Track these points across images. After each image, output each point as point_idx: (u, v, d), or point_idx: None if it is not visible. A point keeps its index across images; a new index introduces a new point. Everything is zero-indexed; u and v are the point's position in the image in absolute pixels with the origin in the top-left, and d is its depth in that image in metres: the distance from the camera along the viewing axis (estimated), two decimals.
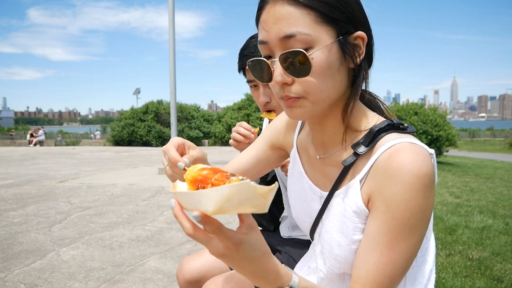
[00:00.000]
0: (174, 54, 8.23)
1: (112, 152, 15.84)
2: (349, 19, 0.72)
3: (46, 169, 9.24)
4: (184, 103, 25.96)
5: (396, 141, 0.72)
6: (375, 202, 0.73)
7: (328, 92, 0.73)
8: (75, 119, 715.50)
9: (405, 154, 0.70)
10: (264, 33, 0.74)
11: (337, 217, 0.80)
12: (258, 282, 0.67)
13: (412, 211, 0.68)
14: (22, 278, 2.69)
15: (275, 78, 0.73)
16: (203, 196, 0.54)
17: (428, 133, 11.98)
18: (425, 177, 0.68)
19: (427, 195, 0.69)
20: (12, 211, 4.72)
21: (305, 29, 0.69)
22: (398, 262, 0.70)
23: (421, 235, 0.71)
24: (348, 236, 0.77)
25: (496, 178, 8.67)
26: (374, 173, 0.74)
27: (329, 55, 0.71)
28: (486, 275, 2.81)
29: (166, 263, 3.00)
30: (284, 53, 0.70)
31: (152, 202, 5.27)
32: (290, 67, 0.71)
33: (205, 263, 1.32)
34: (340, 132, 0.83)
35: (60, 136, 28.95)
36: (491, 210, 4.99)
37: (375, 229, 0.72)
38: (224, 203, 0.52)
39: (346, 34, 0.73)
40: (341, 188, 0.81)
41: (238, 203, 0.53)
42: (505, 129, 49.04)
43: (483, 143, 34.73)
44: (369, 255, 0.71)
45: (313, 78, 0.71)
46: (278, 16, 0.70)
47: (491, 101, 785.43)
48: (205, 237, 0.59)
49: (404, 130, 0.78)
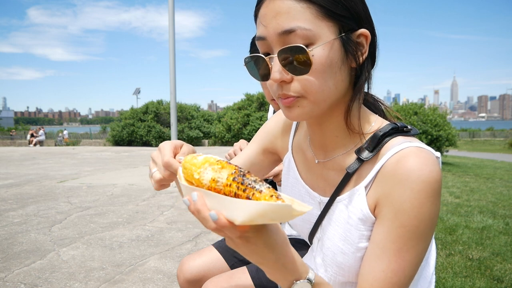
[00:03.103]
0: (174, 54, 8.23)
1: (112, 152, 15.84)
2: (352, 15, 0.69)
3: (46, 169, 9.24)
4: (184, 103, 25.95)
5: (403, 146, 0.70)
6: (383, 209, 0.70)
7: (328, 92, 0.70)
8: (75, 119, 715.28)
9: (414, 160, 0.67)
10: (263, 28, 0.70)
11: (340, 224, 0.78)
12: (276, 273, 0.63)
13: (421, 218, 0.66)
14: (22, 278, 2.69)
15: (273, 76, 0.70)
16: (235, 204, 0.51)
17: (428, 133, 11.98)
18: (435, 183, 0.66)
19: (435, 201, 0.67)
20: (12, 211, 4.72)
21: (306, 24, 0.66)
22: (407, 270, 0.68)
23: (429, 241, 0.69)
24: (353, 244, 0.75)
25: (496, 178, 8.67)
26: (381, 179, 0.71)
27: (331, 52, 0.68)
28: (486, 275, 2.81)
29: (166, 263, 3.00)
30: (283, 49, 0.67)
31: (152, 202, 5.27)
32: (289, 64, 0.68)
33: (205, 263, 1.32)
34: (342, 135, 0.79)
35: (60, 136, 28.95)
36: (491, 210, 4.99)
37: (383, 236, 0.69)
38: (256, 218, 0.50)
39: (349, 31, 0.70)
40: (343, 194, 0.78)
41: (269, 219, 0.51)
42: (505, 129, 49.06)
43: (483, 143, 34.74)
44: (377, 263, 0.69)
45: (313, 76, 0.68)
46: (278, 10, 0.67)
47: (491, 101, 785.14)
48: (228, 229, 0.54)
49: (408, 132, 0.76)
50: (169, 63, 8.18)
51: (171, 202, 5.28)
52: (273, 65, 0.70)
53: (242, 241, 0.57)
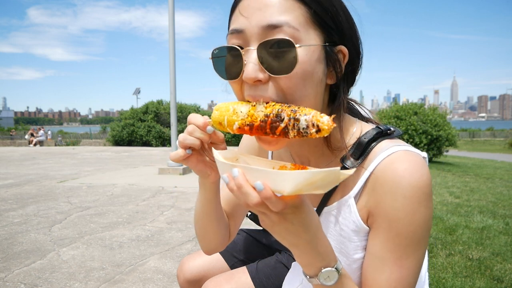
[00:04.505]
0: (174, 54, 8.23)
1: (112, 152, 15.84)
2: (337, 28, 0.66)
3: (46, 169, 9.24)
4: (184, 103, 25.95)
5: (390, 151, 0.68)
6: (376, 218, 0.68)
7: (308, 101, 0.64)
8: (75, 119, 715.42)
9: (403, 165, 0.65)
10: (242, 20, 0.63)
11: (333, 237, 0.76)
12: (307, 256, 0.61)
13: (416, 224, 0.65)
14: (22, 278, 2.69)
15: (246, 73, 0.62)
16: (281, 176, 0.50)
17: (428, 133, 11.98)
18: (425, 187, 0.65)
19: (428, 205, 0.66)
20: (12, 211, 4.72)
21: (295, 22, 0.61)
22: (410, 276, 0.67)
23: (426, 245, 0.69)
24: (349, 257, 0.73)
25: (496, 178, 8.66)
26: (370, 187, 0.69)
27: (314, 58, 0.63)
28: (486, 275, 2.81)
29: (166, 263, 3.00)
30: (266, 41, 0.60)
31: (152, 202, 5.27)
32: (268, 60, 0.61)
33: (205, 263, 1.32)
34: (323, 145, 0.76)
35: (60, 136, 28.95)
36: (491, 210, 4.99)
37: (380, 247, 0.67)
38: (305, 186, 0.49)
39: (332, 43, 0.66)
40: (332, 204, 0.76)
41: (316, 186, 0.50)
42: (505, 129, 49.08)
43: (483, 143, 34.74)
44: (379, 274, 0.67)
45: (294, 78, 0.61)
46: (265, 2, 0.61)
47: (491, 101, 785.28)
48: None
49: (392, 134, 0.73)
50: (169, 63, 8.18)
51: (171, 202, 5.28)
52: (247, 60, 0.62)
53: (280, 218, 0.55)
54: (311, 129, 0.54)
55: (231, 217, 1.01)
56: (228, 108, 0.65)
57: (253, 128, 0.60)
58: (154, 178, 7.62)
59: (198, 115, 0.72)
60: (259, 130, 0.59)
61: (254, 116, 0.60)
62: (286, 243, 0.61)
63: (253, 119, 0.60)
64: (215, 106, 0.69)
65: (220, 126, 0.67)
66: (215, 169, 0.79)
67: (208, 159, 0.78)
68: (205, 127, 0.70)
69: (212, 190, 0.83)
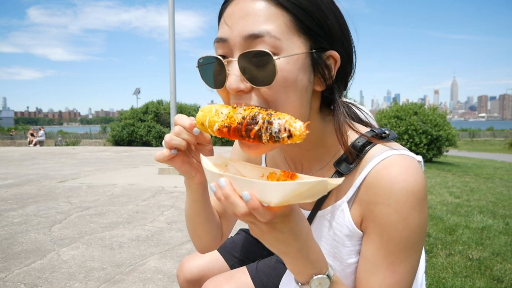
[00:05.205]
0: (174, 54, 8.23)
1: (112, 152, 15.84)
2: (325, 33, 0.64)
3: (46, 169, 9.24)
4: (184, 103, 25.96)
5: (384, 155, 0.67)
6: (369, 223, 0.67)
7: (292, 110, 0.63)
8: (75, 119, 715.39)
9: (397, 170, 0.64)
10: (226, 29, 0.62)
11: (326, 241, 0.76)
12: (297, 264, 0.61)
13: (410, 229, 0.64)
14: (22, 278, 2.69)
15: (229, 84, 0.62)
16: (269, 187, 0.50)
17: (428, 133, 11.98)
18: (419, 192, 0.64)
19: (422, 209, 0.64)
20: (12, 211, 4.72)
21: (276, 31, 0.59)
22: (403, 281, 0.66)
23: (421, 250, 0.68)
24: (343, 261, 0.73)
25: (496, 178, 8.66)
26: (364, 192, 0.68)
27: (297, 66, 0.61)
28: (486, 275, 2.81)
29: (166, 263, 3.00)
30: (245, 53, 0.59)
31: (152, 202, 5.27)
32: (250, 71, 0.60)
33: (205, 263, 1.32)
34: (316, 149, 0.75)
35: (60, 136, 28.94)
36: (491, 210, 4.99)
37: (373, 252, 0.67)
38: (292, 197, 0.49)
39: (320, 49, 0.64)
40: (326, 208, 0.75)
41: (304, 197, 0.50)
42: (505, 129, 49.09)
43: (483, 143, 34.74)
44: (372, 279, 0.67)
45: (275, 90, 0.61)
46: (247, 11, 0.60)
47: (491, 101, 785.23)
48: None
49: (387, 138, 0.72)
50: (169, 63, 8.18)
51: (171, 202, 5.28)
52: (230, 71, 0.62)
53: (269, 228, 0.55)
54: (283, 133, 0.53)
55: (223, 217, 1.01)
56: (211, 109, 0.65)
57: (230, 130, 0.60)
58: (154, 178, 7.62)
59: (185, 116, 0.72)
60: (236, 132, 0.59)
61: (232, 118, 0.60)
62: (276, 251, 0.60)
63: (231, 121, 0.60)
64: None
65: (203, 126, 0.67)
66: (201, 171, 0.79)
67: (194, 161, 0.78)
68: (191, 129, 0.70)
69: (198, 191, 0.83)
